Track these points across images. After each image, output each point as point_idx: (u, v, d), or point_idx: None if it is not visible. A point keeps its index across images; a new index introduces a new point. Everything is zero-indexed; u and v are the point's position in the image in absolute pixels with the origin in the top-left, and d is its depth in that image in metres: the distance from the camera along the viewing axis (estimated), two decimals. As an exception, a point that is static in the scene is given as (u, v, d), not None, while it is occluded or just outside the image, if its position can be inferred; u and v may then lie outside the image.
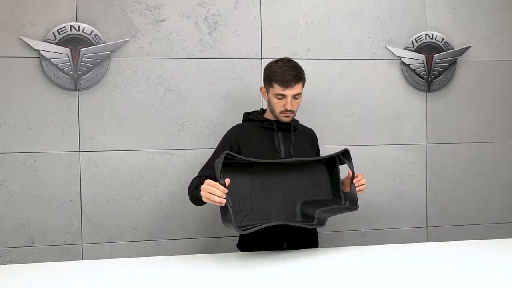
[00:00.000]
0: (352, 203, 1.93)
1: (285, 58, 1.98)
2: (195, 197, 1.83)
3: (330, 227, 2.62)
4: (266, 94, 2.01)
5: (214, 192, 1.63)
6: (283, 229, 1.95)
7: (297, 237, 1.98)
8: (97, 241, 2.41)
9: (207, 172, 1.93)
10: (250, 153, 1.96)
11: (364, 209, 2.62)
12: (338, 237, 2.64)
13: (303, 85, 1.97)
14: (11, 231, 2.34)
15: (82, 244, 2.40)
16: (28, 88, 2.32)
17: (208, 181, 1.68)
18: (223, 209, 1.69)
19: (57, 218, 2.37)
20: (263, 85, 2.04)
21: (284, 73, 1.90)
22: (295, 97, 1.94)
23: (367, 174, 2.59)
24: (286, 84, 1.90)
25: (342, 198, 1.95)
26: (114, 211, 2.42)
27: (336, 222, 2.63)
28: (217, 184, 1.65)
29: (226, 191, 1.65)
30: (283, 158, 1.97)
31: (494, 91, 2.75)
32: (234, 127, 2.10)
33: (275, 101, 1.95)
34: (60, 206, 2.37)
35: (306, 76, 2.51)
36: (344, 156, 1.95)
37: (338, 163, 1.97)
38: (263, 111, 2.12)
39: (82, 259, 2.39)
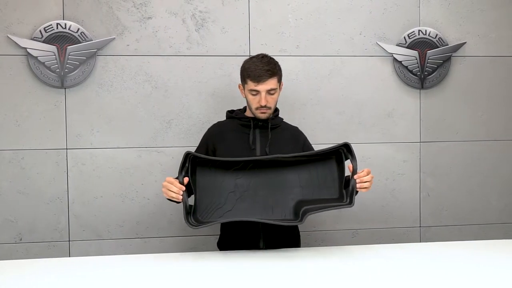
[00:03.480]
0: (349, 199, 1.79)
1: (260, 54, 1.96)
2: None
3: (319, 226, 2.59)
4: (243, 92, 2.00)
5: (171, 188, 1.73)
6: (259, 227, 1.93)
7: (274, 236, 1.95)
8: (84, 238, 2.42)
9: None
10: (225, 151, 1.96)
11: (355, 208, 2.52)
12: (328, 237, 2.61)
13: (278, 80, 1.95)
14: (-1, 228, 2.37)
15: (69, 241, 2.41)
16: (16, 85, 2.34)
17: (168, 178, 1.77)
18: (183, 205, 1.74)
19: (44, 215, 2.39)
20: (240, 83, 2.02)
21: (256, 68, 1.88)
22: (270, 92, 1.92)
23: (358, 173, 2.56)
24: (258, 79, 1.88)
25: (344, 196, 1.83)
26: (101, 208, 2.43)
27: (326, 221, 2.60)
28: (175, 181, 1.74)
29: (184, 188, 1.72)
30: (259, 156, 1.94)
31: (491, 88, 2.68)
32: (213, 125, 2.10)
33: (250, 97, 1.94)
34: (47, 203, 2.39)
35: (295, 73, 2.53)
36: (347, 150, 1.83)
37: (344, 159, 1.86)
38: (245, 109, 2.10)
39: (70, 256, 2.40)
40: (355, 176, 1.80)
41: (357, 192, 1.84)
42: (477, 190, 2.70)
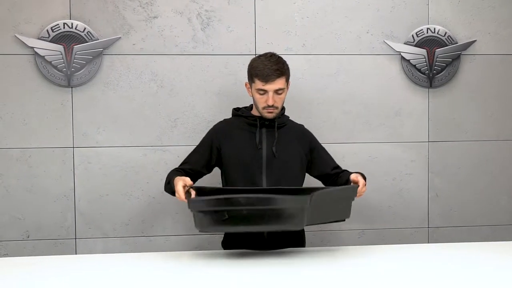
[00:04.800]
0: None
1: (269, 52, 1.95)
2: (170, 190, 1.91)
3: (325, 226, 2.56)
4: (250, 90, 1.99)
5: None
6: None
7: (278, 235, 1.94)
8: (90, 236, 2.44)
9: (186, 166, 2.00)
10: (231, 150, 1.96)
11: (362, 208, 2.55)
12: (334, 237, 2.59)
13: (286, 80, 1.93)
14: (6, 225, 2.39)
15: (75, 238, 2.43)
16: (23, 85, 2.37)
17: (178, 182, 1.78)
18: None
19: (51, 212, 2.41)
20: (247, 81, 2.01)
21: (264, 67, 1.87)
22: (277, 92, 1.90)
23: (365, 172, 2.51)
24: (266, 79, 1.87)
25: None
26: (107, 206, 2.44)
27: (332, 221, 2.57)
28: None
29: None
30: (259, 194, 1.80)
31: (501, 86, 2.63)
32: (219, 122, 2.10)
33: (257, 96, 1.93)
34: (54, 201, 2.41)
35: (301, 72, 2.51)
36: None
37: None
38: (252, 107, 2.09)
39: (76, 254, 2.42)
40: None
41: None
42: (487, 191, 2.65)
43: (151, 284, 1.52)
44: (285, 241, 1.97)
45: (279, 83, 1.89)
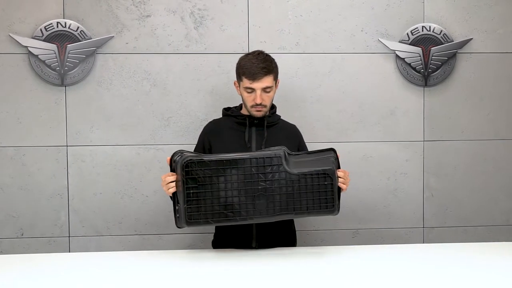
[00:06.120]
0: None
1: (257, 51, 1.95)
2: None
3: (319, 226, 2.56)
4: (238, 89, 1.98)
5: (168, 181, 1.72)
6: (252, 226, 1.91)
7: (268, 235, 1.93)
8: (84, 234, 2.45)
9: None
10: (221, 149, 1.95)
11: (356, 207, 2.55)
12: (328, 237, 2.57)
13: (274, 78, 1.93)
14: (1, 223, 2.41)
15: (69, 236, 2.45)
16: (17, 84, 2.39)
17: (163, 176, 1.75)
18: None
19: (45, 210, 2.43)
20: (236, 80, 2.01)
21: (251, 65, 1.87)
22: (265, 90, 1.90)
23: (360, 172, 2.53)
24: (253, 77, 1.87)
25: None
26: (101, 205, 2.45)
27: (326, 220, 2.56)
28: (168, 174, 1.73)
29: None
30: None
31: (497, 85, 2.60)
32: (209, 122, 2.11)
33: (245, 95, 1.93)
34: (48, 199, 2.43)
35: (294, 70, 2.51)
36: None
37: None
38: (241, 106, 2.09)
39: (69, 252, 2.43)
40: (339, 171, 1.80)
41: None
42: (483, 191, 2.62)
43: (144, 282, 1.53)
44: (276, 240, 1.96)
45: (266, 81, 1.89)
